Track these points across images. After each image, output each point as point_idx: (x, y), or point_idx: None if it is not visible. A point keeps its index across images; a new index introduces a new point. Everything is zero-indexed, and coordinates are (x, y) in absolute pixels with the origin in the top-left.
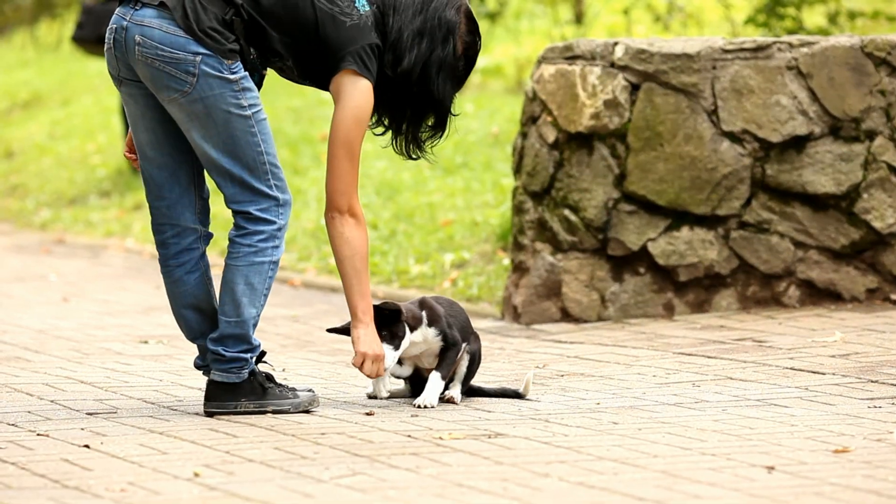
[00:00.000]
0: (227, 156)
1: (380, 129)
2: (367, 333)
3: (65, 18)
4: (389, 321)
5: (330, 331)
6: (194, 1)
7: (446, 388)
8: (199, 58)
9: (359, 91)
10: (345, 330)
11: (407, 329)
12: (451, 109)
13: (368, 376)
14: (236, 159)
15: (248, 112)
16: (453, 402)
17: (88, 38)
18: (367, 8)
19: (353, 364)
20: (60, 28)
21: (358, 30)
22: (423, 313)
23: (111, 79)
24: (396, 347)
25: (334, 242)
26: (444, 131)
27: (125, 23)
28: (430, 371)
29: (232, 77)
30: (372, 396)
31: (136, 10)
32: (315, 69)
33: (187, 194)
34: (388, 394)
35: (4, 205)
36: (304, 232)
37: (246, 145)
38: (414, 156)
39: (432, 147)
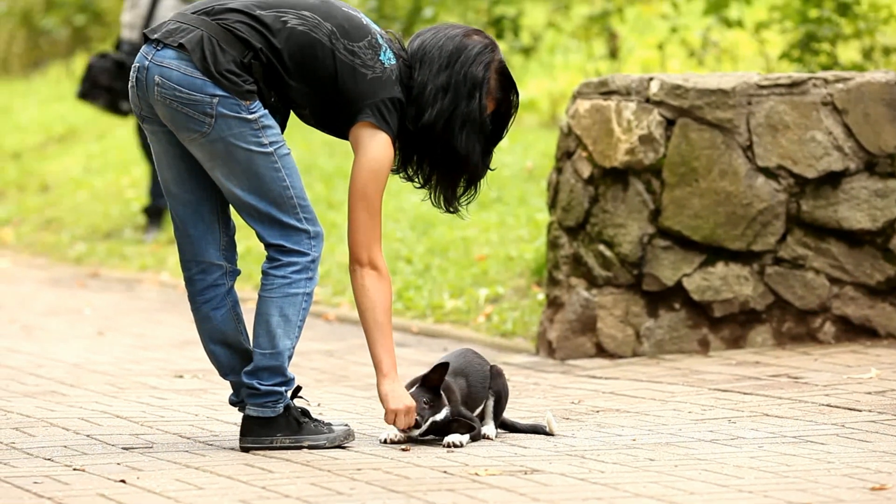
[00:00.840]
0: (253, 193)
1: (417, 183)
2: (395, 388)
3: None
4: (434, 391)
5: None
6: (212, 43)
7: (481, 424)
8: (216, 99)
9: (376, 143)
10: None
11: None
12: (486, 164)
13: (402, 430)
14: (263, 196)
15: (270, 149)
16: (489, 438)
17: (83, 94)
18: (393, 62)
19: (386, 422)
20: None
21: (379, 83)
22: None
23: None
24: (435, 413)
25: (355, 295)
26: (474, 188)
27: (147, 62)
28: None
29: (250, 116)
30: (392, 442)
31: (158, 50)
32: (332, 120)
33: (211, 231)
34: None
35: (40, 238)
36: (339, 266)
37: (271, 181)
38: (451, 209)
39: (466, 203)
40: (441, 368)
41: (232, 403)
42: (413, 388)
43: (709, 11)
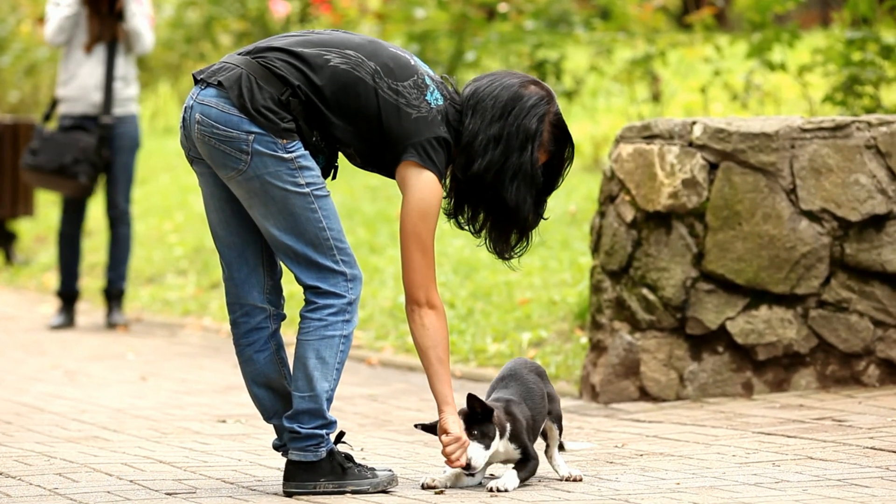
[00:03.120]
0: (290, 233)
1: (470, 231)
2: (458, 419)
3: (142, 97)
4: (481, 420)
5: (418, 426)
6: (250, 80)
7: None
8: (251, 136)
9: (422, 183)
10: (432, 428)
11: (497, 432)
12: (538, 213)
13: (452, 462)
14: (299, 236)
15: (307, 189)
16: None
17: (46, 166)
18: (441, 102)
19: (444, 444)
20: (140, 108)
21: (425, 123)
22: (508, 425)
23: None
24: (487, 447)
25: (415, 334)
26: (525, 239)
27: (191, 102)
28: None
29: (287, 156)
30: (429, 487)
31: (202, 89)
32: (378, 158)
33: (255, 274)
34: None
35: (82, 283)
36: (382, 310)
37: (307, 222)
38: (506, 257)
39: (520, 254)
40: (482, 402)
41: (276, 448)
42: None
43: (752, 55)
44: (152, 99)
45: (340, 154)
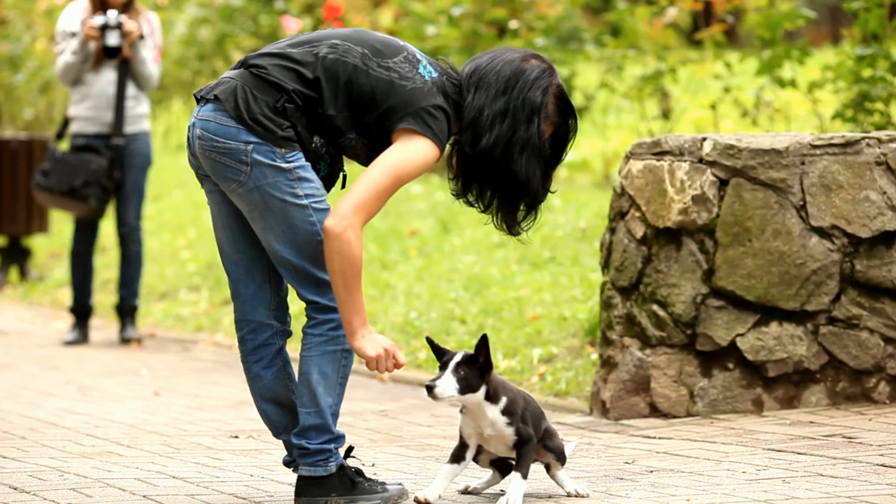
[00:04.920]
0: (288, 246)
1: (478, 209)
2: (367, 340)
3: (155, 114)
4: (475, 368)
5: (428, 340)
6: (245, 91)
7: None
8: (250, 146)
9: (408, 148)
10: (438, 351)
11: (483, 389)
12: (545, 187)
13: (387, 370)
14: (298, 250)
15: (306, 201)
16: (582, 496)
17: (56, 188)
18: (435, 75)
19: (371, 369)
20: (153, 125)
21: (420, 93)
22: (504, 397)
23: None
24: (461, 391)
25: (326, 255)
26: (534, 212)
27: (193, 120)
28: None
29: (286, 166)
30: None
31: (202, 106)
32: (380, 138)
33: (262, 290)
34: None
35: (95, 299)
36: (393, 326)
37: (305, 235)
38: (514, 233)
39: (528, 228)
40: (483, 341)
41: (286, 464)
42: (451, 367)
43: (762, 71)
44: (165, 116)
45: (347, 160)
